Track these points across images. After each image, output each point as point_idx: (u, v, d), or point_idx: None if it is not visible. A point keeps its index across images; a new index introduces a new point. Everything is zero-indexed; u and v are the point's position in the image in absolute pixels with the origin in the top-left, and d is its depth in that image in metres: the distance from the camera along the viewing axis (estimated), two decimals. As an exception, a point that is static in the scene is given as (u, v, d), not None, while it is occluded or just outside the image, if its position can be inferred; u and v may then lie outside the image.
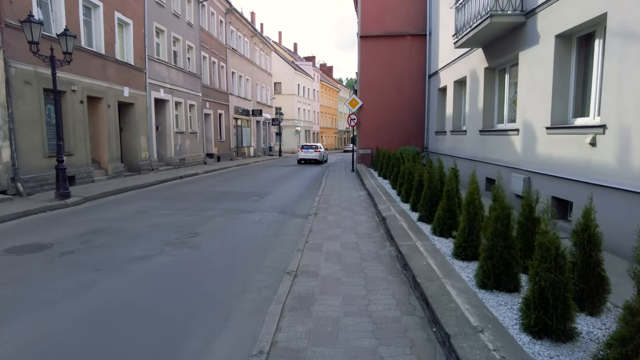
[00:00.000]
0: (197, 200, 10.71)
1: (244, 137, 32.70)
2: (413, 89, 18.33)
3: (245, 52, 33.19)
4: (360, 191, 11.33)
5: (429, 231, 6.42)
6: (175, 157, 20.30)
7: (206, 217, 8.35)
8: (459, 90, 14.08)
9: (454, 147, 13.87)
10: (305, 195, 11.50)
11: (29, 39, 9.33)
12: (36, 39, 9.39)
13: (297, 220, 8.04)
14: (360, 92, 18.65)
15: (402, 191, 9.60)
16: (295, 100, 51.23)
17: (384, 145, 17.80)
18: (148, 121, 17.51)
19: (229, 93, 28.86)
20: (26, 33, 9.31)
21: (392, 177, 11.61)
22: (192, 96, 22.36)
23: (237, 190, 12.89)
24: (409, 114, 18.42)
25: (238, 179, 16.58)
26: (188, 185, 14.21)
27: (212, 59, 25.85)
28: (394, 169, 12.25)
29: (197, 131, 23.12)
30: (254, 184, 14.70)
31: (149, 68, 17.44)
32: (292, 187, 13.73)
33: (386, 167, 13.76)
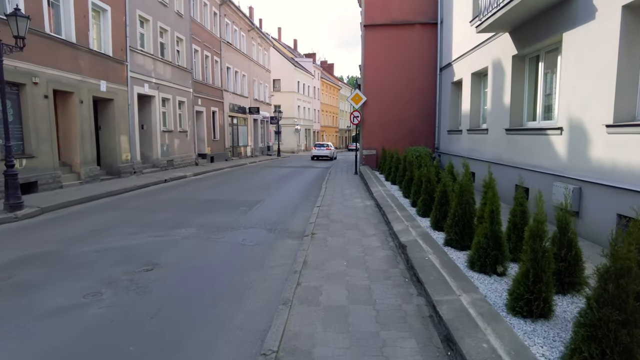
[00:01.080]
0: (174, 212, 9.07)
1: (240, 136, 31.05)
2: (422, 83, 16.66)
3: (242, 47, 31.52)
4: (367, 200, 9.68)
5: (465, 264, 4.78)
6: (162, 159, 18.66)
7: (176, 237, 6.70)
8: (477, 84, 12.42)
9: (472, 148, 12.21)
10: (302, 205, 9.86)
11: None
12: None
13: (289, 242, 6.40)
14: (364, 87, 16.98)
15: (418, 202, 7.93)
16: (295, 98, 49.55)
17: (391, 145, 16.15)
18: (130, 119, 15.87)
19: (223, 89, 27.21)
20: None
21: (403, 183, 9.95)
22: (181, 92, 20.71)
23: (224, 197, 11.26)
24: (417, 110, 16.76)
25: (228, 183, 14.94)
26: (170, 192, 12.57)
27: (204, 52, 24.19)
28: (405, 174, 10.60)
29: (188, 130, 21.48)
30: (245, 189, 13.07)
31: (130, 60, 15.79)
32: (288, 194, 12.09)
33: (395, 171, 12.11)
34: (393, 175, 12.14)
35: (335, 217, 7.78)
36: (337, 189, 12.07)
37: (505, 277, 4.54)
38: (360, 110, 16.74)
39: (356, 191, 11.41)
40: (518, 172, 8.97)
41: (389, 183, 12.40)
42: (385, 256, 5.11)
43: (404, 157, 11.03)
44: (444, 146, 15.55)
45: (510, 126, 9.53)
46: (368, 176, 13.61)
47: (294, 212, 8.92)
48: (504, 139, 9.89)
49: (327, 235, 6.27)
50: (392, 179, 12.24)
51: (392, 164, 12.25)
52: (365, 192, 11.24)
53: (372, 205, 9.00)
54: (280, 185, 14.37)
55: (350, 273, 4.51)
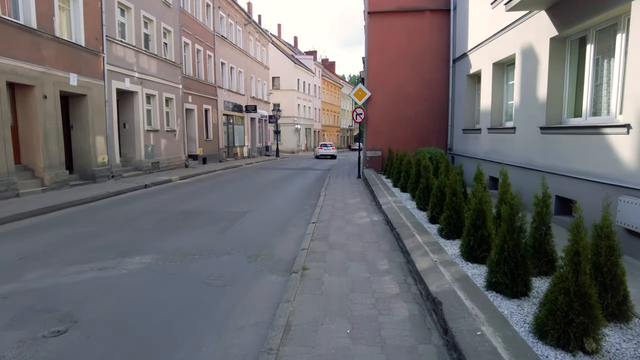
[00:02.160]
0: (138, 229, 7.42)
1: (235, 136, 29.40)
2: (433, 77, 14.97)
3: (238, 42, 29.87)
4: (374, 214, 7.99)
5: (527, 327, 3.13)
6: (147, 161, 17.02)
7: (123, 272, 5.06)
8: (500, 76, 10.73)
9: (494, 149, 10.54)
10: (296, 219, 8.20)
11: None
12: None
13: (272, 280, 4.74)
14: (368, 82, 15.31)
15: (440, 220, 6.26)
16: (295, 96, 47.88)
17: (397, 145, 14.48)
18: (107, 117, 14.24)
19: (217, 86, 25.56)
20: None
21: (417, 193, 8.26)
22: (169, 88, 19.07)
23: (205, 207, 9.61)
24: (428, 107, 15.07)
25: (216, 189, 13.30)
26: (146, 200, 10.93)
27: (196, 46, 22.55)
28: (418, 180, 8.93)
29: (177, 129, 19.84)
30: (233, 197, 11.42)
31: (108, 52, 14.15)
32: (281, 203, 10.43)
33: (405, 177, 10.43)
34: (403, 182, 10.46)
35: (335, 239, 6.11)
36: (338, 197, 10.40)
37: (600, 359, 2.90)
38: (364, 107, 15.08)
39: (360, 201, 9.74)
40: (558, 180, 7.32)
41: (397, 190, 10.72)
42: (409, 317, 3.41)
43: (416, 160, 9.36)
44: (458, 147, 13.87)
45: (547, 124, 7.86)
46: (373, 181, 11.93)
47: (285, 230, 7.26)
48: (537, 139, 8.23)
49: (324, 271, 4.60)
50: (401, 185, 10.56)
51: (402, 167, 10.57)
52: (371, 202, 9.56)
53: (381, 222, 7.31)
54: (273, 191, 12.71)
55: (357, 353, 2.84)
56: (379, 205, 8.46)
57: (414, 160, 10.50)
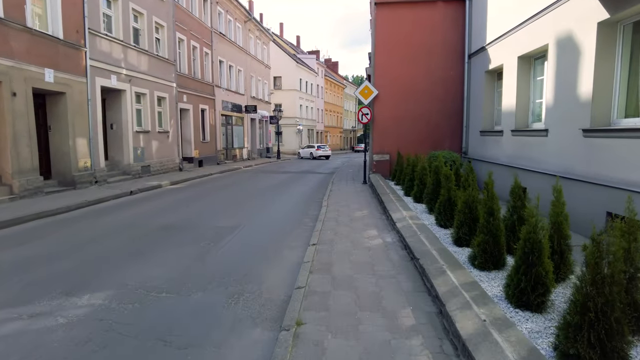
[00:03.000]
0: (104, 252, 6.18)
1: (234, 137, 28.20)
2: (446, 73, 13.70)
3: (237, 39, 28.68)
4: (386, 233, 6.69)
5: None
6: (136, 164, 15.82)
7: (62, 322, 3.82)
8: (526, 70, 9.45)
9: (520, 154, 9.26)
10: (293, 238, 6.94)
11: None
12: None
13: (254, 337, 3.46)
14: (375, 79, 14.05)
15: (474, 246, 4.98)
16: (297, 97, 46.68)
17: (407, 148, 13.22)
18: (90, 117, 13.04)
19: (215, 85, 24.37)
20: None
21: (438, 207, 6.97)
22: (162, 86, 17.88)
23: (191, 220, 8.38)
24: (440, 106, 13.80)
25: (207, 196, 12.07)
26: (127, 210, 9.72)
27: (192, 42, 21.36)
28: (437, 191, 7.67)
29: (170, 130, 18.64)
30: (225, 206, 10.19)
31: (91, 46, 12.97)
32: (277, 214, 9.18)
33: (419, 186, 9.14)
34: (417, 191, 9.17)
35: (340, 271, 4.85)
36: (343, 208, 9.12)
37: None
38: (370, 107, 13.82)
39: (368, 214, 8.45)
40: (608, 193, 6.06)
41: (410, 200, 9.44)
42: None
43: (433, 167, 8.07)
44: (474, 150, 12.58)
45: (592, 126, 6.59)
46: (382, 189, 10.66)
47: (279, 253, 6.00)
48: (577, 143, 6.97)
49: (325, 329, 3.33)
50: (415, 194, 9.26)
51: (416, 175, 9.28)
52: (381, 215, 8.27)
53: (396, 244, 6.02)
54: (270, 199, 11.46)
55: None
56: (391, 220, 7.19)
57: (430, 167, 9.25)
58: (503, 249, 4.85)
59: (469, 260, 5.08)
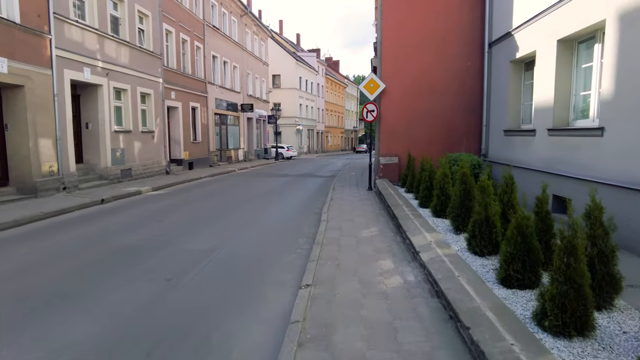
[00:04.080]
0: (18, 292, 4.56)
1: (229, 138, 26.58)
2: (462, 64, 12.06)
3: (233, 34, 27.07)
4: (406, 267, 4.91)
5: None
6: (115, 167, 14.21)
7: None
8: (568, 57, 7.80)
9: (561, 158, 7.61)
10: (280, 268, 5.30)
11: None
12: None
13: None
14: (382, 72, 12.40)
15: (547, 299, 3.30)
16: (297, 95, 45.06)
17: (418, 150, 11.59)
18: (57, 115, 11.42)
19: (207, 82, 22.76)
20: None
21: (472, 229, 5.28)
22: (146, 82, 16.26)
23: (160, 239, 6.75)
24: (456, 102, 12.16)
25: (188, 206, 10.45)
26: (89, 225, 8.09)
27: (181, 35, 19.75)
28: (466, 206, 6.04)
29: (155, 130, 17.02)
30: (205, 219, 8.55)
31: (57, 33, 11.36)
32: (266, 231, 7.55)
33: (440, 196, 7.46)
34: (437, 203, 7.50)
35: (345, 343, 3.19)
36: (347, 225, 7.47)
37: None
38: (377, 103, 12.18)
39: (379, 233, 6.78)
40: None
41: (428, 213, 7.77)
42: None
43: (458, 175, 6.41)
44: (497, 152, 10.93)
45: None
46: (392, 198, 8.99)
47: (259, 299, 4.35)
48: (654, 144, 5.32)
49: None
50: (434, 207, 7.58)
51: (435, 183, 7.59)
52: (395, 234, 6.59)
53: (422, 288, 4.27)
54: (260, 209, 9.84)
55: None
56: (409, 245, 5.53)
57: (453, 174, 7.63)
58: (591, 306, 3.22)
59: (533, 318, 3.43)
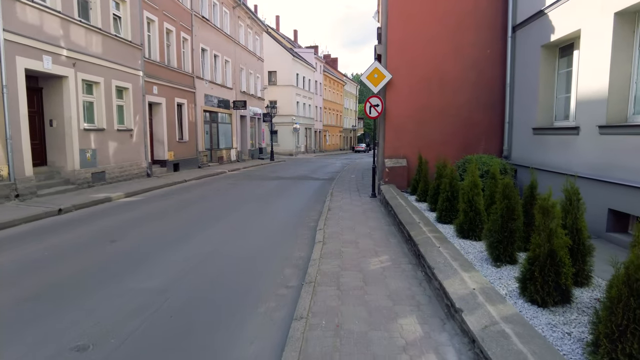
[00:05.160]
0: None
1: (220, 137, 24.90)
2: (480, 52, 10.44)
3: (224, 26, 25.38)
4: (439, 331, 3.22)
5: None
6: (84, 171, 12.53)
7: None
8: (628, 35, 6.19)
9: (616, 163, 6.01)
10: (251, 335, 3.67)
11: None
12: None
13: None
14: (388, 60, 10.75)
15: None
16: (294, 93, 43.37)
17: (431, 151, 9.99)
18: (7, 110, 9.74)
19: (195, 76, 21.07)
20: None
21: (533, 269, 3.63)
22: (123, 75, 14.58)
23: (94, 275, 5.11)
24: (473, 95, 10.53)
25: (160, 218, 8.79)
26: (23, 246, 6.43)
27: (165, 25, 18.07)
28: (508, 228, 4.42)
29: (134, 128, 15.34)
30: (166, 242, 6.89)
31: (6, 13, 9.66)
32: (239, 264, 5.91)
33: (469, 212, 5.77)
34: (464, 220, 5.84)
35: None
36: (348, 249, 5.82)
37: None
38: (382, 96, 10.55)
39: (393, 267, 5.06)
40: None
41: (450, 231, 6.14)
42: None
43: (501, 189, 4.76)
44: (523, 154, 9.30)
45: None
46: (405, 214, 7.29)
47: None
48: None
49: None
50: (460, 226, 5.91)
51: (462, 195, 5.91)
52: (415, 269, 4.87)
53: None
54: (241, 224, 8.19)
55: None
56: (440, 291, 3.88)
57: (494, 187, 6.02)
58: None
59: None
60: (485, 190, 6.10)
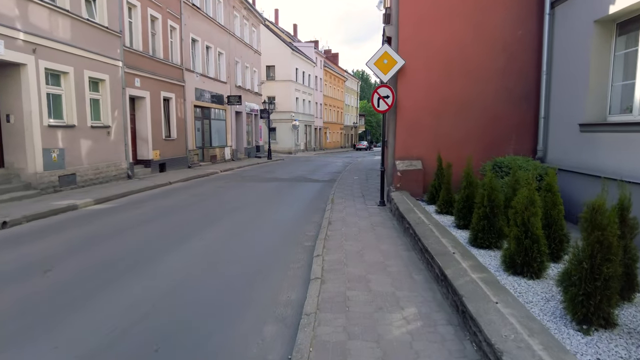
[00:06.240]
0: None
1: (213, 134, 23.27)
2: (510, 33, 8.78)
3: (218, 16, 23.70)
4: None
5: None
6: (48, 173, 10.93)
7: None
8: None
9: None
10: None
11: None
12: None
13: None
14: (400, 44, 9.08)
15: None
16: (293, 88, 41.69)
17: (450, 152, 8.39)
18: (-55, 102, 8.15)
19: (185, 69, 19.42)
20: None
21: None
22: (98, 65, 12.95)
23: (28, 326, 3.52)
24: (500, 85, 8.88)
25: (116, 236, 7.17)
26: None
27: (150, 11, 16.41)
28: (602, 278, 2.79)
29: (113, 125, 13.72)
30: (119, 271, 5.29)
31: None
32: (205, 306, 4.31)
33: (523, 239, 4.11)
34: (517, 249, 4.18)
35: None
36: (356, 297, 4.16)
37: None
38: (392, 85, 8.92)
39: (425, 330, 3.31)
40: None
41: (493, 260, 4.53)
42: None
43: (588, 213, 3.14)
44: (564, 155, 7.64)
45: None
46: (431, 237, 5.65)
47: None
48: None
49: None
50: (510, 257, 4.25)
51: (515, 216, 4.23)
52: (460, 333, 3.23)
53: None
54: (219, 243, 6.60)
55: None
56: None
57: (544, 200, 4.43)
58: None
59: None
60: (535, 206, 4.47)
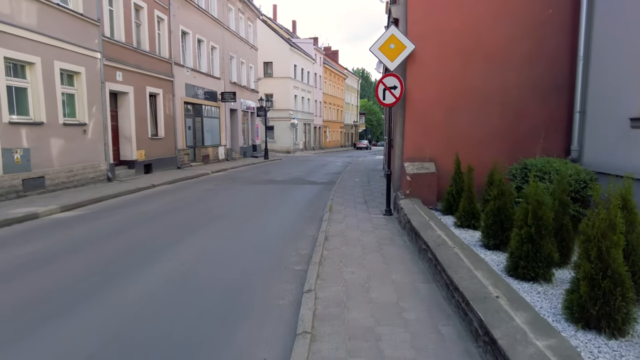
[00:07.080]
0: None
1: (206, 133, 22.00)
2: (539, 13, 7.51)
3: (210, 8, 22.42)
4: None
5: None
6: (10, 177, 9.67)
7: None
8: None
9: None
10: None
11: None
12: None
13: None
14: (409, 27, 7.82)
15: None
16: (291, 86, 40.41)
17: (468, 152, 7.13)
18: None
19: (174, 62, 18.15)
20: None
21: None
22: (72, 55, 11.69)
23: None
24: (525, 74, 7.61)
25: (74, 253, 5.90)
26: None
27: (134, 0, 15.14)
28: None
29: (89, 122, 12.46)
30: (69, 300, 4.08)
31: None
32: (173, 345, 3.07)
33: (601, 280, 2.91)
34: (590, 292, 2.93)
35: None
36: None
37: None
38: (400, 74, 7.65)
39: None
40: None
41: (549, 304, 3.29)
42: None
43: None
44: (604, 156, 6.37)
45: None
46: (464, 272, 4.31)
47: None
48: None
49: None
50: (582, 304, 2.99)
51: (594, 248, 3.01)
52: None
53: None
54: (183, 273, 5.37)
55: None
56: None
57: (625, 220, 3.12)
58: None
59: None
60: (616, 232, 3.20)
